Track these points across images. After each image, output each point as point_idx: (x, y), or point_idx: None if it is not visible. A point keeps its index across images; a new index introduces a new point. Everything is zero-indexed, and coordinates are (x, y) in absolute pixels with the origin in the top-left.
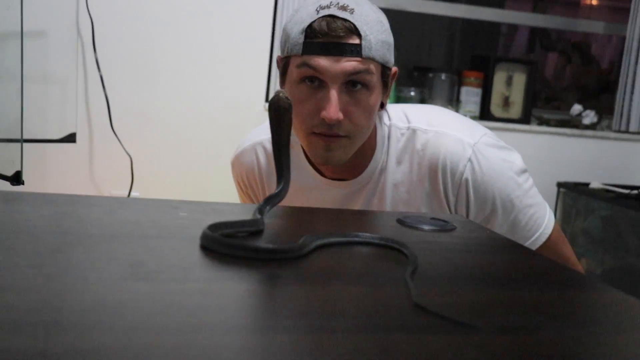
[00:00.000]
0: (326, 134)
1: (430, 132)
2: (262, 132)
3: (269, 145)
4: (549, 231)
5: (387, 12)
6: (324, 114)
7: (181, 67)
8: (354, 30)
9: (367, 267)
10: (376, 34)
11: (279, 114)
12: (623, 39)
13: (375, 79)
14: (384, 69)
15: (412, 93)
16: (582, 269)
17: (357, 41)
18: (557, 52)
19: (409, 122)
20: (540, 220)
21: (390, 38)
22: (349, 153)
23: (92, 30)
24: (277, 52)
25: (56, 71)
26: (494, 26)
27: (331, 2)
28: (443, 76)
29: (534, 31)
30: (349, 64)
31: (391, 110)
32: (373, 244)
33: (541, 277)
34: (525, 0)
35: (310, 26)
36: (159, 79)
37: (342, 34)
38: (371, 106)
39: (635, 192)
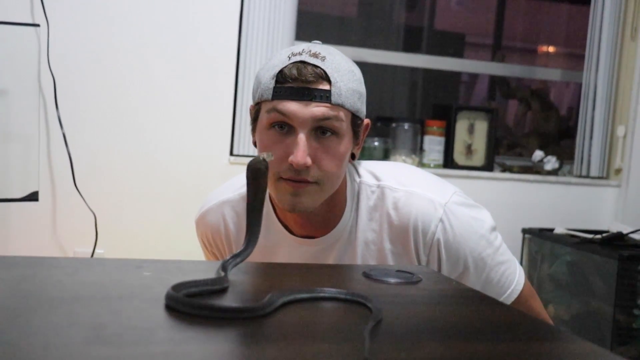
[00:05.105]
0: (294, 180)
1: (400, 191)
2: (227, 190)
3: (236, 204)
4: (520, 287)
5: None
6: (291, 158)
7: (144, 123)
8: (324, 77)
9: (331, 323)
10: (346, 82)
11: (256, 176)
12: (580, 85)
13: (345, 127)
14: (355, 118)
15: (376, 143)
16: (551, 323)
17: (327, 87)
18: (517, 100)
19: (377, 180)
20: (512, 277)
21: (361, 88)
22: (317, 201)
23: (54, 87)
24: (240, 106)
25: (18, 129)
26: (454, 75)
27: (303, 50)
28: (406, 126)
29: (494, 79)
30: (318, 109)
31: (358, 168)
32: (339, 299)
33: (508, 328)
34: (484, 49)
35: (281, 72)
36: (122, 135)
37: (311, 79)
38: (341, 154)
39: (599, 237)
